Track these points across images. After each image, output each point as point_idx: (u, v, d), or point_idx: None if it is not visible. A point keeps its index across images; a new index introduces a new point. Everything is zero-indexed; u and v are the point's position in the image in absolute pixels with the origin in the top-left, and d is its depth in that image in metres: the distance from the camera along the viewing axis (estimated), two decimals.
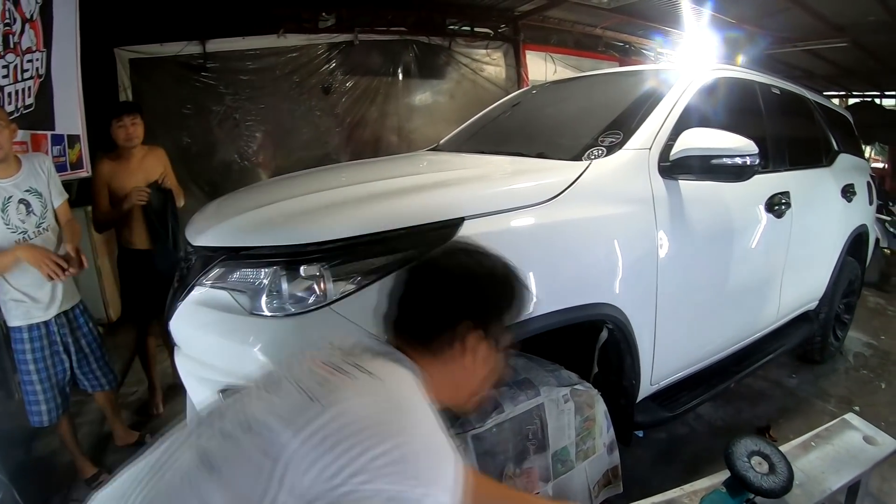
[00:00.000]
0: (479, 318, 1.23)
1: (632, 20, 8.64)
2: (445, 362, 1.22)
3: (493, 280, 1.28)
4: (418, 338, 1.22)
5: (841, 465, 2.28)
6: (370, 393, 1.04)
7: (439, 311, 1.22)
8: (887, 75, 11.61)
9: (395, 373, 1.12)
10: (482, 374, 1.29)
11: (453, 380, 1.24)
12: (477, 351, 1.24)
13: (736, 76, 3.37)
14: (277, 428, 0.98)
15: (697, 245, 2.63)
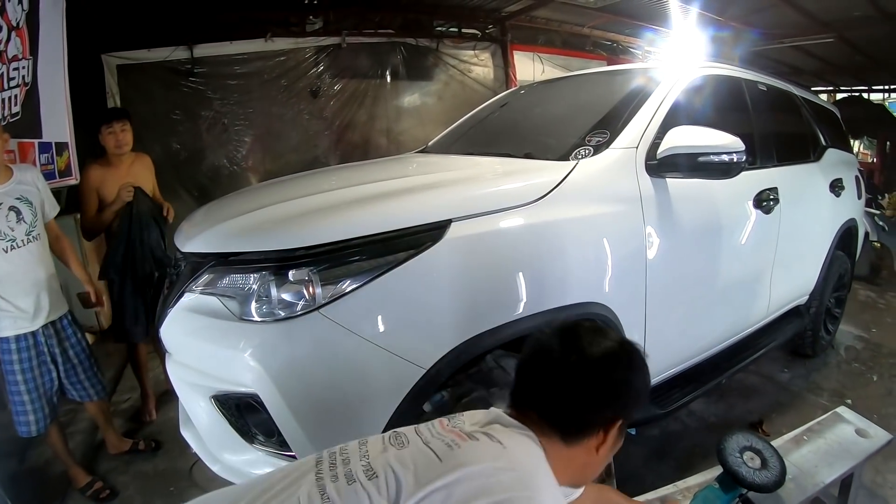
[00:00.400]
0: (629, 412, 1.23)
1: (619, 19, 8.67)
2: (575, 449, 1.19)
3: (640, 372, 1.26)
4: (557, 426, 1.19)
5: (834, 458, 2.30)
6: (495, 458, 1.04)
7: (596, 408, 1.20)
8: (874, 70, 11.70)
9: (523, 444, 1.12)
10: (608, 458, 1.27)
11: (579, 464, 1.22)
12: (614, 441, 1.23)
13: (722, 73, 3.38)
14: (402, 479, 1.00)
15: (686, 242, 2.64)
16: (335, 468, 1.07)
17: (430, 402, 1.96)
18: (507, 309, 1.94)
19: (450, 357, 1.81)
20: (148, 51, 5.96)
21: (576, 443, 1.19)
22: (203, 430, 2.03)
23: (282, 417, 1.72)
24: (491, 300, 1.92)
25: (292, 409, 1.71)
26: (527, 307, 1.96)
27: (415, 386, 1.77)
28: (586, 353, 1.21)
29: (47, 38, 3.96)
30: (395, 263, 1.76)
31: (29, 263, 2.78)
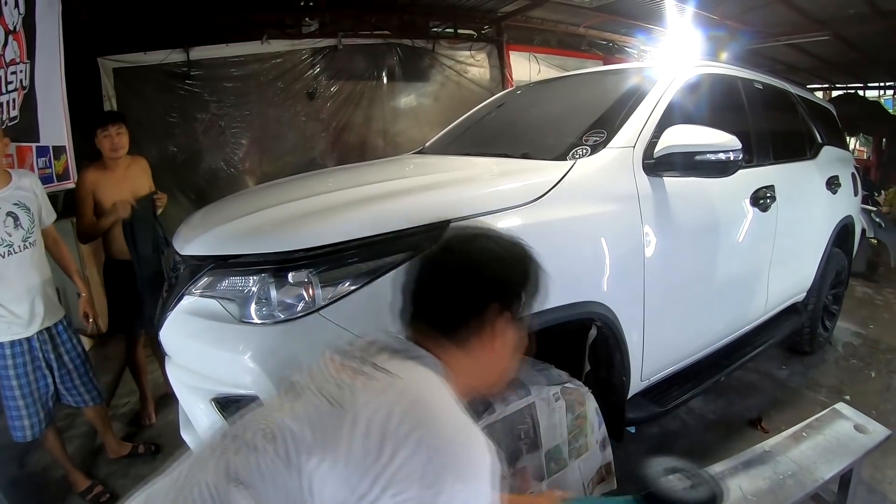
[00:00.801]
0: (507, 299, 1.20)
1: (615, 19, 8.68)
2: (472, 350, 1.18)
3: (517, 258, 1.25)
4: (442, 329, 1.18)
5: (832, 454, 2.31)
6: (391, 393, 1.02)
7: (466, 298, 1.19)
8: (869, 67, 11.73)
9: (414, 369, 1.10)
10: (511, 356, 1.26)
11: (482, 366, 1.22)
12: (506, 334, 1.21)
13: (718, 72, 3.40)
14: (299, 435, 0.98)
15: (684, 241, 2.65)
16: (238, 439, 1.04)
17: None
18: None
19: None
20: (144, 54, 5.96)
21: (467, 342, 1.18)
22: (204, 432, 2.03)
23: None
24: None
25: None
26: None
27: None
28: (456, 250, 1.25)
29: (44, 42, 3.97)
30: (394, 265, 1.76)
31: (25, 269, 2.79)
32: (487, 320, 1.17)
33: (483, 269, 1.21)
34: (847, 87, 14.74)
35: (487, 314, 1.17)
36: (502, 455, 1.92)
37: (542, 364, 2.23)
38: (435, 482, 0.92)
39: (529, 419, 2.01)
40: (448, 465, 0.94)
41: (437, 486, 0.92)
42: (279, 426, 1.01)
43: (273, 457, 0.97)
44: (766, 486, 2.14)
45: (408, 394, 1.03)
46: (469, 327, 1.17)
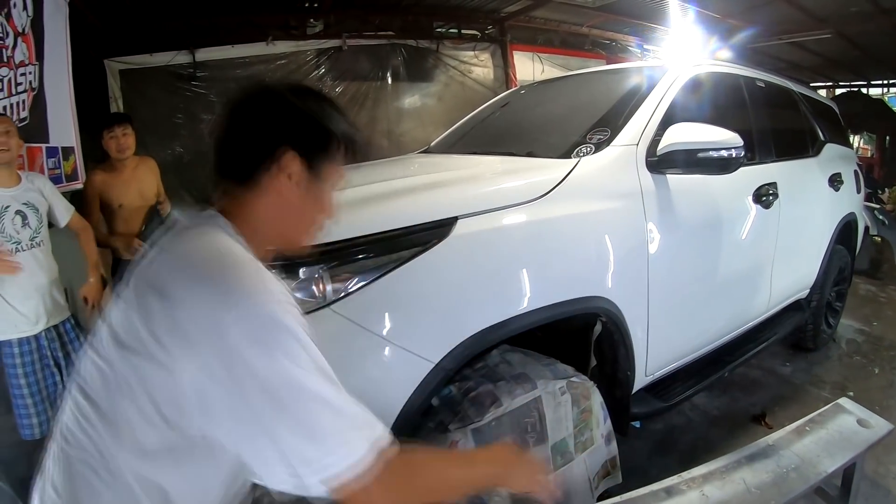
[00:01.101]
0: (300, 143, 1.13)
1: (617, 18, 8.70)
2: (269, 200, 1.14)
3: (308, 99, 1.18)
4: (238, 178, 1.14)
5: (836, 448, 2.32)
6: (167, 259, 1.04)
7: (254, 140, 1.13)
8: (872, 65, 11.70)
9: (201, 238, 1.06)
10: (311, 209, 1.21)
11: (275, 213, 1.15)
12: (304, 183, 1.15)
13: (721, 71, 3.42)
14: (116, 329, 1.01)
15: (687, 237, 2.67)
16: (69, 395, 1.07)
17: (437, 396, 1.99)
18: (513, 304, 1.96)
19: (457, 351, 1.83)
20: (150, 55, 6.01)
21: (256, 187, 1.13)
22: None
23: None
24: (497, 295, 1.95)
25: None
26: (532, 302, 1.99)
27: (423, 380, 1.79)
28: (244, 98, 1.18)
29: (52, 44, 4.01)
30: (403, 260, 1.78)
31: (32, 267, 2.83)
32: (282, 167, 1.12)
33: (270, 107, 1.15)
34: (850, 84, 14.71)
35: (279, 158, 1.12)
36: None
37: (547, 359, 2.26)
38: (212, 313, 0.92)
39: (536, 413, 2.03)
40: (220, 293, 0.94)
41: (214, 316, 0.92)
42: (92, 361, 1.04)
43: (80, 399, 1.03)
44: (769, 479, 2.16)
45: (180, 252, 1.05)
46: (262, 173, 1.12)
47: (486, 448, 1.46)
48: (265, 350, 0.92)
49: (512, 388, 2.03)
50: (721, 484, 2.12)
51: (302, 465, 0.94)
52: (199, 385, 0.92)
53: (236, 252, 1.03)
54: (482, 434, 1.91)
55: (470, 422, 1.91)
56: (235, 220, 1.11)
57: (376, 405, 1.77)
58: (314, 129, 1.16)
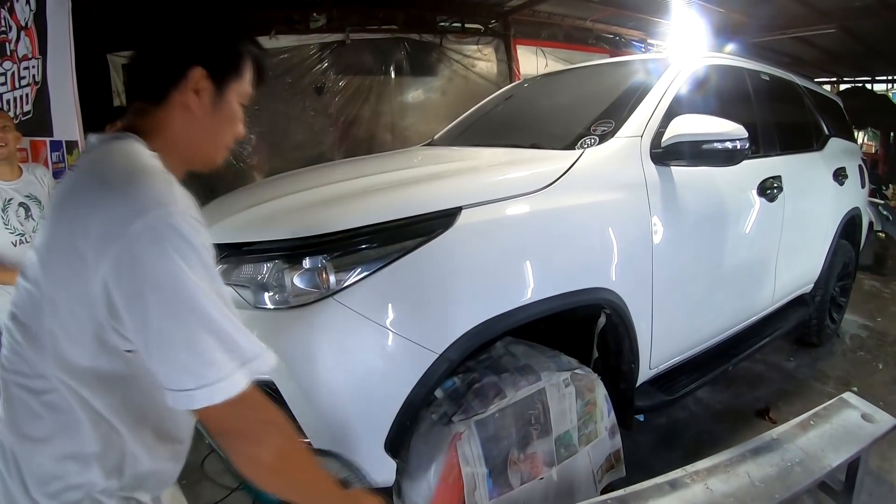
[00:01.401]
0: (208, 60, 1.16)
1: (621, 12, 8.67)
2: (179, 116, 1.16)
3: (218, 18, 1.21)
4: (150, 96, 1.15)
5: (840, 442, 2.32)
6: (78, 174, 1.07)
7: (165, 58, 1.15)
8: (876, 60, 11.65)
9: (106, 148, 1.09)
10: (219, 126, 1.23)
11: (191, 133, 1.19)
12: (211, 100, 1.17)
13: (725, 63, 3.41)
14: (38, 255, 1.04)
15: (692, 230, 2.67)
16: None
17: (441, 388, 1.99)
18: (517, 294, 1.96)
19: (461, 342, 1.83)
20: None
21: (167, 104, 1.14)
22: None
23: (297, 404, 1.74)
24: (501, 286, 1.94)
25: (307, 395, 1.73)
26: (536, 293, 1.98)
27: (427, 371, 1.79)
28: (150, 16, 1.20)
29: (55, 38, 4.01)
30: (406, 250, 1.78)
31: None
32: (190, 84, 1.14)
33: (180, 30, 1.18)
34: (854, 80, 14.65)
35: (190, 77, 1.13)
36: (513, 440, 1.96)
37: (551, 351, 2.26)
38: (121, 219, 0.93)
39: (540, 404, 2.04)
40: (131, 199, 0.95)
41: (124, 221, 0.93)
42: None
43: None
44: (773, 472, 2.15)
45: (93, 165, 1.07)
46: (171, 91, 1.14)
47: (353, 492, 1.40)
48: (166, 256, 0.93)
49: (516, 379, 2.03)
50: (725, 477, 2.12)
51: (182, 373, 0.96)
52: (107, 289, 0.95)
53: (148, 162, 1.05)
54: (486, 426, 1.91)
55: (474, 413, 1.91)
56: (148, 137, 1.12)
57: (379, 395, 1.80)
58: (222, 48, 1.19)
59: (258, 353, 1.03)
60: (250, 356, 1.01)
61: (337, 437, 1.78)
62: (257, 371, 1.02)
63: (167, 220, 0.94)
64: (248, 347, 1.01)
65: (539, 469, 2.06)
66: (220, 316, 0.98)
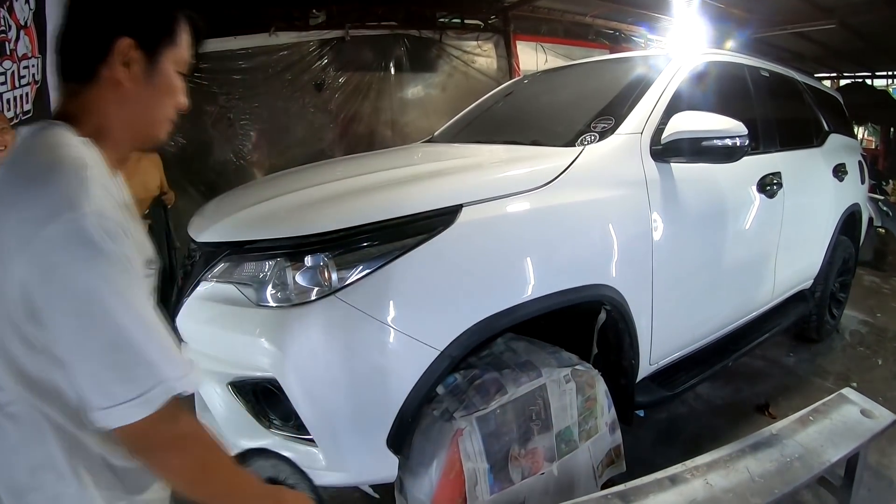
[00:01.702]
0: (136, 30, 1.07)
1: (621, 8, 8.66)
2: (113, 94, 1.07)
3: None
4: (79, 77, 1.07)
5: (839, 437, 2.33)
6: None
7: (89, 33, 1.06)
8: (877, 55, 11.66)
9: (38, 144, 1.02)
10: (156, 99, 1.15)
11: (128, 110, 1.11)
12: (143, 72, 1.09)
13: (725, 60, 3.41)
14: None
15: (691, 226, 2.67)
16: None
17: (443, 384, 2.00)
18: (518, 291, 1.97)
19: (463, 338, 1.84)
20: None
21: (98, 83, 1.06)
22: (219, 416, 2.06)
23: (300, 401, 1.75)
24: (502, 283, 1.95)
25: (309, 392, 1.74)
26: (537, 289, 1.99)
27: (429, 367, 1.80)
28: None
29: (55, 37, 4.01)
30: (408, 248, 1.79)
31: None
32: (119, 58, 1.05)
33: (102, 2, 1.08)
34: (855, 75, 14.66)
35: (117, 51, 1.05)
36: (514, 435, 1.97)
37: (552, 347, 2.27)
38: (34, 221, 0.90)
39: (541, 400, 2.05)
40: (44, 203, 0.91)
41: (36, 224, 0.89)
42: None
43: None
44: (773, 468, 2.17)
45: (17, 160, 1.02)
46: (100, 68, 1.06)
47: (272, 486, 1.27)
48: (80, 267, 0.90)
49: (517, 375, 2.04)
50: (725, 472, 2.13)
51: (96, 391, 0.93)
52: (25, 292, 0.92)
53: (68, 154, 0.98)
54: (487, 422, 1.92)
55: (475, 409, 1.92)
56: (79, 121, 1.06)
57: (381, 392, 1.81)
58: (150, 14, 1.11)
59: (179, 374, 0.97)
60: (169, 376, 0.96)
61: (339, 434, 1.80)
62: (174, 391, 0.96)
63: (79, 224, 0.90)
64: (166, 367, 0.96)
65: (540, 464, 2.07)
66: (137, 333, 0.94)
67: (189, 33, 1.18)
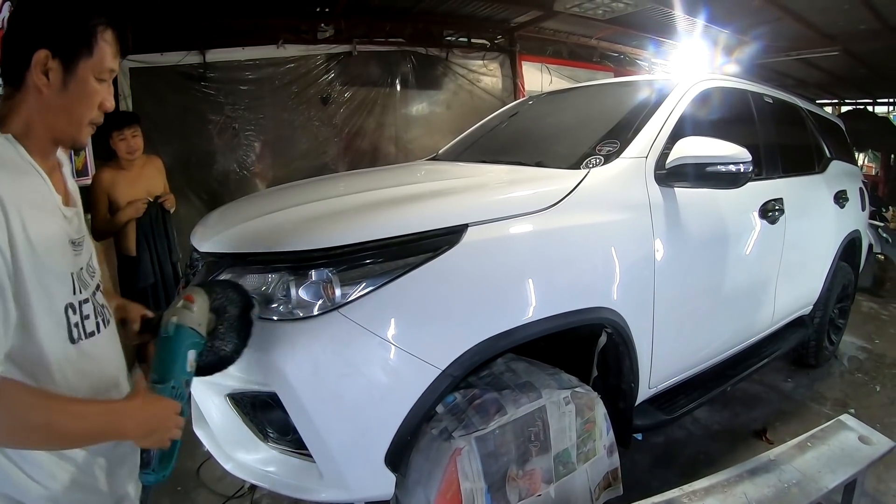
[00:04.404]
0: (52, 42, 1.19)
1: (626, 31, 8.71)
2: (34, 100, 1.21)
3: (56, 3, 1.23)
4: (9, 81, 1.22)
5: (837, 464, 2.33)
6: None
7: (15, 43, 1.20)
8: (879, 83, 11.72)
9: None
10: (74, 105, 1.25)
11: (47, 115, 1.23)
12: (60, 81, 1.21)
13: (729, 86, 3.43)
14: None
15: (693, 251, 2.68)
16: None
17: (442, 403, 2.00)
18: (520, 312, 1.97)
19: (464, 358, 1.84)
20: (160, 55, 5.98)
21: (22, 84, 1.20)
22: (216, 428, 2.06)
23: (299, 416, 1.75)
24: (505, 303, 1.95)
25: (309, 407, 1.74)
26: (539, 311, 1.99)
27: (429, 386, 1.80)
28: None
29: None
30: (412, 266, 1.79)
31: None
32: (37, 68, 1.18)
33: (25, 15, 1.22)
34: (856, 102, 14.73)
35: (36, 61, 1.18)
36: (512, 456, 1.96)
37: (552, 369, 2.26)
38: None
39: (540, 422, 2.04)
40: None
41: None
42: None
43: None
44: (771, 493, 2.16)
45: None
46: (24, 75, 1.19)
47: (105, 401, 1.33)
48: None
49: (517, 396, 2.04)
50: (723, 497, 2.13)
51: None
52: None
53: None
54: (486, 442, 1.92)
55: (474, 429, 1.91)
56: (8, 120, 1.20)
57: (381, 409, 1.81)
58: (66, 28, 1.21)
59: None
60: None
61: (337, 450, 1.79)
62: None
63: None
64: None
65: (537, 486, 2.06)
66: None
67: (113, 42, 1.27)
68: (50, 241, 1.19)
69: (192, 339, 1.40)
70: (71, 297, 1.25)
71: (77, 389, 1.25)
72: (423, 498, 1.88)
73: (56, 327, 1.21)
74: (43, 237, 1.15)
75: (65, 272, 1.24)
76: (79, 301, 1.28)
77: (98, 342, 1.35)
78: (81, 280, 1.30)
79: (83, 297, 1.30)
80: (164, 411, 1.31)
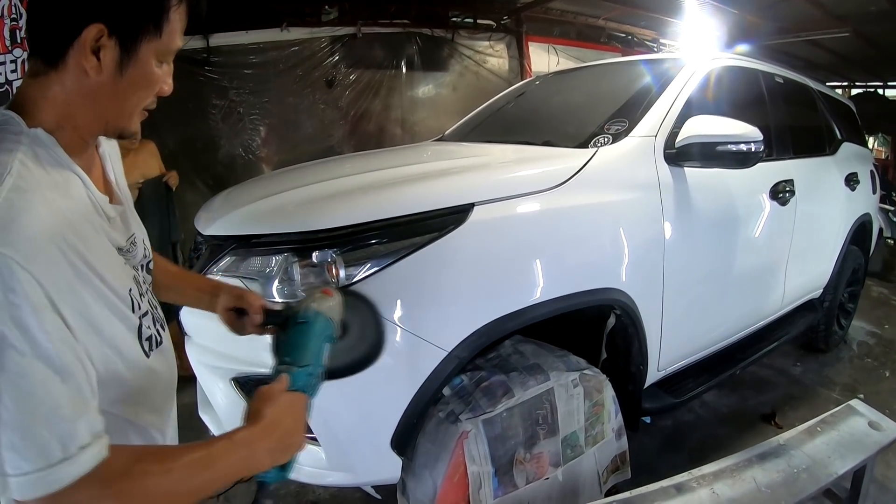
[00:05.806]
0: (110, 17, 0.91)
1: (634, 11, 8.63)
2: (80, 82, 0.93)
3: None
4: (46, 57, 0.93)
5: (846, 449, 2.30)
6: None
7: (60, 14, 0.91)
8: (889, 65, 11.59)
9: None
10: (129, 90, 0.99)
11: (96, 101, 0.96)
12: (115, 63, 0.94)
13: (739, 65, 3.38)
14: None
15: (704, 231, 2.65)
16: None
17: (449, 386, 1.98)
18: (528, 293, 1.95)
19: (471, 340, 1.82)
20: None
21: (62, 65, 0.92)
22: (222, 412, 2.05)
23: None
24: (512, 284, 1.93)
25: None
26: (547, 292, 1.97)
27: (436, 368, 1.78)
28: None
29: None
30: (418, 246, 1.77)
31: None
32: (90, 47, 0.91)
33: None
34: (867, 85, 14.59)
35: (88, 39, 0.90)
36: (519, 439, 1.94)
37: (560, 351, 2.24)
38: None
39: (548, 404, 2.02)
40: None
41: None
42: None
43: None
44: (780, 478, 2.14)
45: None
46: (69, 53, 0.92)
47: (222, 436, 1.01)
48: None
49: (524, 379, 2.02)
50: (732, 482, 2.10)
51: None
52: None
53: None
54: (493, 425, 1.90)
55: (481, 412, 1.90)
56: (39, 107, 0.94)
57: (387, 392, 1.79)
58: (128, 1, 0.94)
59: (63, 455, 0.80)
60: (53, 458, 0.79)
61: (343, 433, 1.78)
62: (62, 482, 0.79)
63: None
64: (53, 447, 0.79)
65: (545, 469, 2.05)
66: (40, 388, 0.78)
67: (184, 18, 1.05)
68: (108, 271, 0.96)
69: (329, 330, 1.25)
70: (132, 316, 1.03)
71: (153, 403, 1.11)
72: (430, 481, 1.87)
73: (136, 351, 1.03)
74: (102, 277, 0.93)
75: (125, 296, 1.01)
76: (139, 316, 1.06)
77: (164, 348, 1.17)
78: (139, 286, 1.10)
79: (142, 312, 1.08)
80: (295, 411, 1.08)
